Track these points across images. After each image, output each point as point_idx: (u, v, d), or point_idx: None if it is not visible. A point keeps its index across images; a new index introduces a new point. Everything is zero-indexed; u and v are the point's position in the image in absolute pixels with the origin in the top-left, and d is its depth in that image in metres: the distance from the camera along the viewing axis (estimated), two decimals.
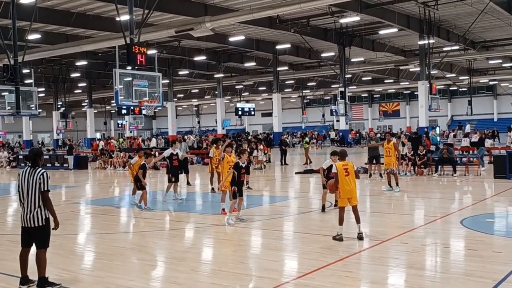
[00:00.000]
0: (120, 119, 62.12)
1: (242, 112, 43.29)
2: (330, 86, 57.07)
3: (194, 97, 68.60)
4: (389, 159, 14.39)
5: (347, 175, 8.30)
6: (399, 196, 13.98)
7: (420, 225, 9.94)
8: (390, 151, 14.41)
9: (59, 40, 29.21)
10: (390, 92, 68.92)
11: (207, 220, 11.09)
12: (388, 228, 9.55)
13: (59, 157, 28.59)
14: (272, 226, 9.92)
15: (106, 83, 52.53)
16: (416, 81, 37.22)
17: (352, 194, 8.33)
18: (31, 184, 6.01)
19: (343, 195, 8.33)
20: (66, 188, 18.87)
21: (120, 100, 15.66)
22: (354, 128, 62.37)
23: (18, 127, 54.35)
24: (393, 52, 39.85)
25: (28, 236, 6.11)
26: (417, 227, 9.63)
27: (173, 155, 13.89)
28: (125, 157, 26.28)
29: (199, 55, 38.23)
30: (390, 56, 41.29)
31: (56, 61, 39.80)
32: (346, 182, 8.28)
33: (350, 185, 8.31)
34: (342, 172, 8.30)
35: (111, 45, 25.58)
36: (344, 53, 35.32)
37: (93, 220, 11.94)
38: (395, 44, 38.99)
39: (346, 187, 8.29)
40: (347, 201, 8.33)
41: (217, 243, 8.95)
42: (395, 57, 41.36)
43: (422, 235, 8.92)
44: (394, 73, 50.20)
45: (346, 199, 8.32)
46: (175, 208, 12.99)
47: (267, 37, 35.37)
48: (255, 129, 70.38)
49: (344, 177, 8.29)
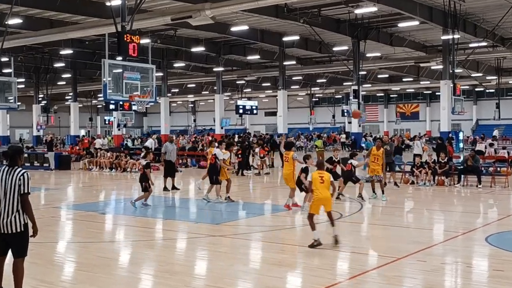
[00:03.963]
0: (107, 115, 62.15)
1: (243, 111, 43.23)
2: (342, 84, 57.02)
3: (190, 92, 68.61)
4: (375, 165, 15.03)
5: (322, 182, 9.07)
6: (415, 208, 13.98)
7: (440, 241, 9.93)
8: (378, 158, 15.00)
9: (43, 26, 29.24)
10: (409, 92, 68.86)
11: (202, 229, 11.10)
12: (403, 244, 9.54)
13: (39, 155, 28.61)
14: (274, 238, 9.94)
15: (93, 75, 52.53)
16: (438, 80, 37.13)
17: (325, 202, 9.14)
18: (10, 186, 6.00)
19: (316, 202, 9.08)
20: (46, 190, 18.89)
21: (109, 94, 15.67)
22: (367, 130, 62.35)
23: None
24: (413, 47, 39.81)
25: (4, 244, 6.10)
26: (437, 244, 9.62)
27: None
28: (113, 157, 26.33)
29: (197, 46, 38.26)
30: (409, 52, 41.25)
31: (38, 49, 39.84)
32: (320, 190, 9.05)
33: (324, 194, 9.06)
34: (317, 180, 9.10)
35: (100, 32, 25.59)
36: (358, 47, 35.32)
37: (75, 227, 11.96)
38: (415, 38, 38.96)
39: (320, 195, 9.04)
40: (319, 209, 9.14)
41: (213, 255, 8.94)
42: (415, 53, 41.32)
43: (441, 253, 8.91)
44: (414, 70, 50.13)
45: (319, 208, 9.12)
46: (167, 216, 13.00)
47: (273, 27, 35.38)
48: (257, 130, 70.38)
49: (319, 184, 9.06)
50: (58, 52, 39.44)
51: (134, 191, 17.01)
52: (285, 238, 9.80)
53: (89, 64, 45.59)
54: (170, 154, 17.87)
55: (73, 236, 10.90)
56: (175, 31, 34.53)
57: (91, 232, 11.00)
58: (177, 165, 20.13)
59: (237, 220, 12.60)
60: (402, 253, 8.58)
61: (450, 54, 31.91)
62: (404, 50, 40.28)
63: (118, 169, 25.56)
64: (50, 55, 42.01)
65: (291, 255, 8.89)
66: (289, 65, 43.46)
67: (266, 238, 9.76)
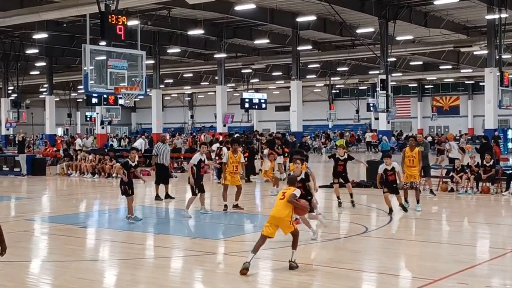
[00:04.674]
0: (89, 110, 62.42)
1: (249, 105, 43.27)
2: (367, 73, 56.93)
3: (187, 83, 68.75)
4: (411, 170, 14.84)
5: (282, 198, 9.02)
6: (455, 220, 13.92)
7: (485, 260, 9.92)
8: (413, 161, 14.86)
9: (12, 5, 29.40)
10: (447, 81, 68.66)
11: (201, 246, 11.12)
12: (441, 263, 9.52)
13: (8, 159, 28.79)
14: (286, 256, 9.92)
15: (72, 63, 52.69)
16: (482, 68, 36.95)
17: (279, 222, 8.93)
18: None
19: (269, 221, 8.98)
20: (16, 200, 19.00)
21: (90, 86, 15.73)
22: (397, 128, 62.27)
23: None
24: (452, 29, 39.67)
25: None
26: (481, 263, 9.60)
27: (202, 162, 14.52)
28: (95, 161, 26.43)
29: (194, 29, 38.31)
30: (447, 34, 41.11)
31: (8, 33, 40.07)
32: (277, 208, 9.01)
33: (278, 213, 8.96)
34: (279, 195, 9.19)
35: (80, 13, 25.67)
36: (386, 29, 35.21)
37: (51, 243, 12.01)
38: (455, 18, 38.82)
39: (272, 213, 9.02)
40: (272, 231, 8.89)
41: (214, 276, 8.96)
42: (455, 36, 41.18)
43: (486, 273, 8.90)
44: (453, 56, 49.95)
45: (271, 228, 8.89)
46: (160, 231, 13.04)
47: (285, 6, 35.38)
48: (266, 127, 70.43)
49: (278, 200, 9.07)
50: (31, 36, 39.60)
51: (121, 201, 17.06)
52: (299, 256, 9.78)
53: (67, 51, 45.76)
54: (162, 156, 17.92)
55: (49, 254, 10.94)
56: (168, 11, 34.58)
57: (70, 249, 11.04)
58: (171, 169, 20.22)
59: (242, 235, 12.61)
60: (440, 274, 8.55)
61: (496, 36, 31.75)
62: (442, 32, 40.14)
63: (101, 175, 25.65)
64: (21, 39, 42.20)
65: (307, 276, 8.87)
66: (304, 51, 43.41)
67: (277, 256, 9.75)
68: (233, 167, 15.27)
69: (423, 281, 8.24)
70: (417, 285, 8.09)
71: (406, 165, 15.04)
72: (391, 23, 34.74)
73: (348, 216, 14.74)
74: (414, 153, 15.00)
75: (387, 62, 35.90)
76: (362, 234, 11.90)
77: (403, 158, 15.29)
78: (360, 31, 38.47)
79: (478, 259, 10.04)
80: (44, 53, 46.59)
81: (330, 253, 10.52)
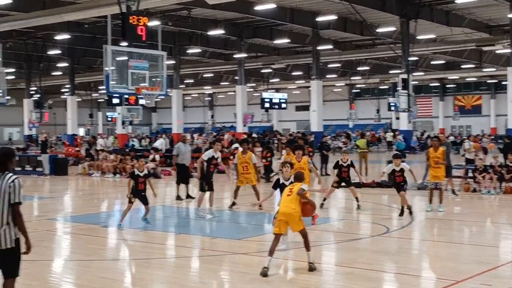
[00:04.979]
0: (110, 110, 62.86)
1: (270, 104, 43.25)
2: (388, 72, 56.61)
3: (207, 83, 68.96)
4: (436, 171, 14.73)
5: (289, 195, 8.91)
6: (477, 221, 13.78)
7: (508, 261, 9.81)
8: (438, 161, 14.76)
9: (35, 7, 29.70)
10: (469, 81, 68.01)
11: (221, 246, 11.15)
12: (464, 264, 9.46)
13: (31, 159, 29.10)
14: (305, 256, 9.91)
15: (93, 64, 53.15)
16: (505, 67, 36.53)
17: (289, 219, 8.79)
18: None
19: (279, 217, 8.91)
20: (40, 199, 19.19)
21: (112, 86, 15.85)
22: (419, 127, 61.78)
23: None
24: (474, 27, 39.31)
25: None
26: (504, 264, 9.51)
27: (214, 159, 14.38)
28: (116, 161, 26.61)
29: (215, 29, 38.40)
30: (470, 33, 40.74)
31: (30, 34, 40.49)
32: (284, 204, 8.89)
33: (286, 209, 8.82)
34: (285, 192, 9.06)
35: (101, 14, 25.86)
36: (408, 28, 35.00)
37: (74, 243, 12.13)
38: (477, 16, 38.46)
39: (281, 209, 8.91)
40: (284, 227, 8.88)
41: (233, 276, 8.99)
42: (477, 35, 40.79)
43: (510, 275, 8.84)
44: (475, 55, 49.49)
45: (282, 225, 8.83)
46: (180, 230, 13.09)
47: (305, 5, 35.32)
48: (286, 127, 70.35)
49: (285, 197, 8.96)
50: (53, 37, 39.98)
51: None
52: (319, 256, 9.76)
53: (89, 51, 46.14)
54: (183, 156, 17.98)
55: (71, 253, 11.05)
56: (189, 11, 34.71)
57: (91, 249, 11.14)
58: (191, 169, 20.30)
59: (262, 235, 12.59)
60: (462, 275, 8.50)
61: None
62: (464, 30, 39.78)
63: (122, 174, 25.82)
64: (44, 41, 42.62)
65: (328, 277, 8.86)
66: (324, 50, 43.31)
67: (297, 256, 9.74)
68: (243, 167, 15.31)
69: (446, 282, 8.18)
70: (440, 286, 8.04)
71: (432, 166, 14.91)
72: (412, 22, 34.51)
73: (369, 216, 14.68)
74: (438, 153, 14.87)
75: (408, 61, 35.68)
76: (383, 234, 11.84)
77: (428, 159, 15.16)
78: (381, 30, 38.28)
79: (501, 260, 9.94)
80: (66, 54, 47.01)
81: (351, 253, 10.48)
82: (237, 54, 43.05)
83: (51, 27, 35.43)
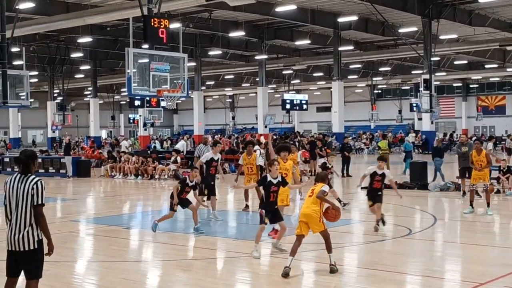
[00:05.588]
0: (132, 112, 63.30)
1: (291, 106, 43.23)
2: (410, 73, 56.27)
3: (228, 85, 69.12)
4: (479, 174, 14.40)
5: (310, 196, 8.95)
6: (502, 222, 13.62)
7: None
8: (482, 164, 14.44)
9: (58, 11, 30.03)
10: (493, 81, 67.34)
11: (243, 247, 11.14)
12: (487, 266, 9.36)
13: (54, 161, 29.39)
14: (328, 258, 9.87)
15: (115, 66, 53.64)
16: None
17: (308, 219, 8.81)
18: (22, 196, 6.17)
19: (300, 218, 8.93)
20: (62, 201, 19.37)
21: (133, 89, 15.93)
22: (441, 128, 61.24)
23: (3, 121, 56.28)
24: (497, 27, 38.92)
25: (16, 263, 6.27)
26: None
27: (214, 161, 14.21)
28: (138, 163, 26.77)
29: (235, 31, 38.50)
30: (493, 33, 40.36)
31: (53, 37, 40.97)
32: (305, 205, 8.96)
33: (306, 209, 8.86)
34: (308, 192, 9.11)
35: (123, 17, 26.08)
36: (430, 28, 34.76)
37: (96, 244, 12.22)
38: (500, 16, 38.08)
39: (302, 210, 8.96)
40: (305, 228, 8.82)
41: (256, 278, 9.00)
42: (501, 34, 40.40)
43: None
44: (499, 55, 49.00)
45: (303, 226, 8.82)
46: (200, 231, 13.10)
47: (326, 6, 35.26)
48: (307, 129, 70.22)
49: (307, 198, 9.00)
50: (76, 40, 40.42)
51: (164, 202, 17.23)
52: (341, 258, 9.71)
53: (111, 54, 46.56)
54: None
55: (94, 255, 11.13)
56: (210, 13, 34.84)
57: (114, 250, 11.22)
58: None
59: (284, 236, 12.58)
60: (486, 278, 8.41)
61: None
62: (487, 30, 39.43)
63: (144, 176, 25.98)
64: (67, 44, 43.11)
65: (349, 278, 8.82)
66: (345, 51, 43.17)
67: (321, 258, 9.70)
68: (248, 168, 15.28)
69: (469, 284, 8.11)
70: None
71: (475, 169, 14.61)
72: (435, 22, 34.30)
73: (391, 218, 14.57)
74: (482, 156, 14.53)
75: (431, 61, 35.43)
76: (405, 236, 11.75)
77: (471, 162, 14.86)
78: (403, 30, 38.07)
79: None
80: (89, 57, 47.45)
81: (373, 255, 10.42)
82: (258, 56, 43.10)
83: (74, 30, 35.82)
